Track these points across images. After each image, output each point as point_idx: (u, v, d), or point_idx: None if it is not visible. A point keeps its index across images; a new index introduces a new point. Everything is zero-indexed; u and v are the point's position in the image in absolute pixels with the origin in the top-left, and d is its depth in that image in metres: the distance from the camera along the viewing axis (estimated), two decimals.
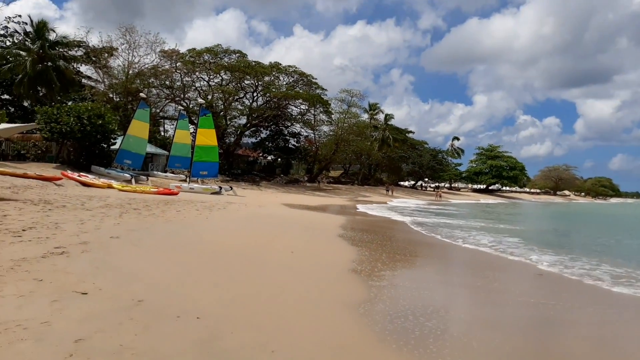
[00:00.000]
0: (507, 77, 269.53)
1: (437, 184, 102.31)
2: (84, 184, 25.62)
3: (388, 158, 78.84)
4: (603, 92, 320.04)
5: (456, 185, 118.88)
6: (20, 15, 44.21)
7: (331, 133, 61.76)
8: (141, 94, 37.24)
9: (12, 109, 46.75)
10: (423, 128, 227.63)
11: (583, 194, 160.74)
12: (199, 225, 12.77)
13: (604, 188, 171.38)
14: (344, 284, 7.46)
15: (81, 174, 28.22)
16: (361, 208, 31.53)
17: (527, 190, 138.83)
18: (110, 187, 25.76)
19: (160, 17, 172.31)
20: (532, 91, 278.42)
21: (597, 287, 8.76)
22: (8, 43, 45.55)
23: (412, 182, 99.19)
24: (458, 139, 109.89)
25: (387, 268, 9.25)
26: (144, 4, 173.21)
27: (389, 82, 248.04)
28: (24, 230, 8.44)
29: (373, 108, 76.12)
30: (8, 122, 38.43)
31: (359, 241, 12.93)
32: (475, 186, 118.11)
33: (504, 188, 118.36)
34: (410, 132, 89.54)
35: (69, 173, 27.02)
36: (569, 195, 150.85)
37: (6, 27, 47.16)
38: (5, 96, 47.60)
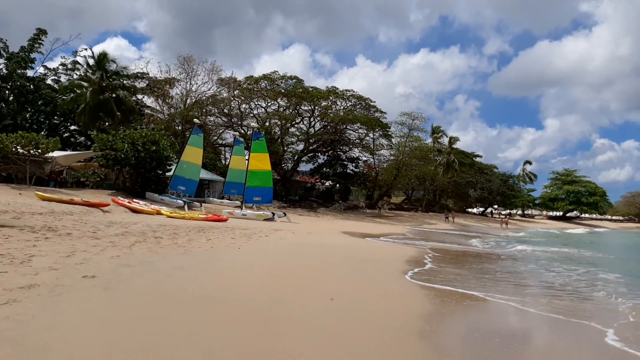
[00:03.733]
0: (581, 100, 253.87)
1: (508, 211, 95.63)
2: (133, 211, 24.84)
3: (454, 183, 74.55)
4: None
5: (529, 212, 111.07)
6: (86, 49, 45.88)
7: (392, 157, 59.12)
8: (195, 119, 36.81)
9: (81, 139, 48.46)
10: (491, 154, 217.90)
11: None
12: (224, 257, 10.76)
13: None
14: None
15: (133, 200, 27.62)
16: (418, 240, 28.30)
17: (609, 217, 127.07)
18: (159, 213, 24.80)
19: (231, 54, 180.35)
20: (609, 114, 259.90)
21: None
22: (75, 76, 47.50)
23: (481, 209, 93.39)
24: (530, 163, 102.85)
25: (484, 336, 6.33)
26: (216, 42, 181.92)
27: (454, 108, 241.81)
28: None
29: (436, 131, 72.49)
30: (72, 151, 39.57)
31: (432, 281, 10.31)
32: (550, 213, 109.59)
33: (582, 215, 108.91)
34: (478, 155, 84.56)
35: (119, 199, 26.44)
36: None
37: (75, 61, 49.41)
38: (73, 127, 49.55)
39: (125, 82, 43.87)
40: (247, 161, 31.64)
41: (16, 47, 45.40)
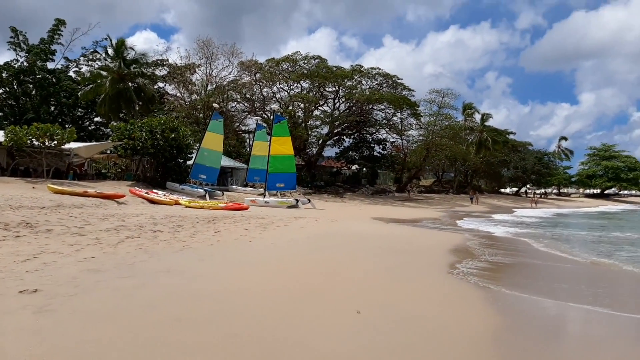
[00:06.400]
0: (618, 72, 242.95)
1: (543, 190, 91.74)
2: (151, 201, 23.88)
3: (486, 163, 71.57)
4: None
5: (566, 190, 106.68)
6: (106, 38, 44.93)
7: (421, 138, 56.68)
8: (214, 104, 35.44)
9: (107, 130, 47.90)
10: (523, 131, 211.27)
11: None
12: (227, 254, 9.12)
13: None
14: None
15: (152, 190, 26.65)
16: (466, 223, 25.77)
17: None
18: (177, 203, 23.76)
19: (259, 41, 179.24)
20: None
21: None
22: (96, 67, 46.76)
23: (515, 189, 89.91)
24: (566, 139, 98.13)
25: None
26: (244, 29, 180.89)
27: (484, 86, 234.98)
28: None
29: (468, 108, 68.92)
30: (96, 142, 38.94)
31: (489, 278, 8.50)
32: (587, 191, 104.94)
33: (621, 192, 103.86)
34: (512, 132, 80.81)
35: (137, 190, 25.46)
36: None
37: (95, 51, 48.68)
38: (98, 118, 49.01)
39: (144, 70, 42.86)
40: (268, 146, 30.12)
41: None
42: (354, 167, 60.43)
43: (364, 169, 59.13)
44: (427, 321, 5.61)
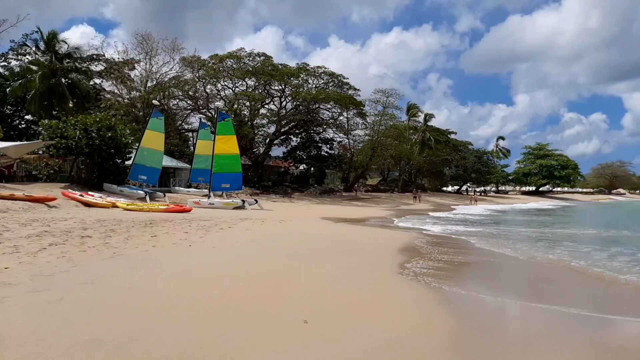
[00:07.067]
0: (550, 75, 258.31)
1: (483, 188, 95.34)
2: (86, 204, 22.34)
3: (429, 162, 73.38)
4: None
5: (504, 188, 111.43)
6: (37, 31, 41.95)
7: (367, 137, 57.18)
8: (154, 101, 33.85)
9: (39, 129, 44.66)
10: (464, 131, 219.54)
11: (638, 191, 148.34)
12: (163, 260, 8.32)
13: None
14: None
15: (88, 193, 25.01)
16: (412, 222, 26.08)
17: (580, 190, 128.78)
18: (114, 206, 22.40)
19: (204, 38, 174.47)
20: (577, 87, 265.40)
21: None
22: (26, 61, 43.55)
23: (457, 187, 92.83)
24: (503, 138, 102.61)
25: None
26: (188, 26, 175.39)
27: (427, 87, 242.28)
28: None
29: (412, 108, 70.69)
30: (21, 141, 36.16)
31: (440, 277, 8.25)
32: (524, 188, 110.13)
33: (554, 189, 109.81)
34: (453, 132, 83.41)
35: (71, 193, 23.79)
36: (624, 194, 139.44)
37: (24, 44, 45.33)
38: (28, 116, 45.65)
39: (78, 64, 40.39)
40: (212, 145, 29.07)
41: None
42: (301, 167, 60.06)
43: (312, 168, 58.89)
44: (381, 328, 5.25)
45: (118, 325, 4.68)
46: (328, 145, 56.01)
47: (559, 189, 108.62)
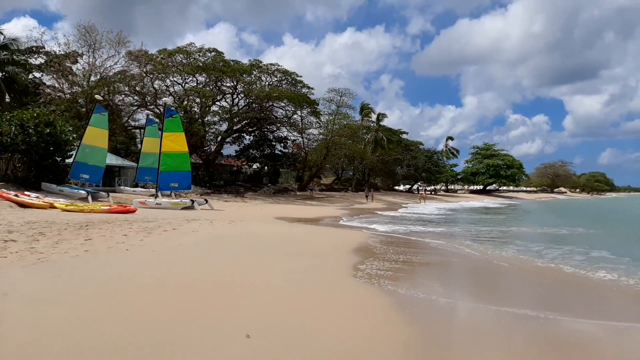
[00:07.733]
0: (497, 78, 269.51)
1: (433, 187, 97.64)
2: (21, 205, 20.77)
3: (382, 161, 74.19)
4: (590, 87, 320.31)
5: (453, 187, 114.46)
6: None
7: (321, 136, 57.01)
8: (96, 96, 32.09)
9: None
10: (414, 131, 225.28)
11: (578, 190, 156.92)
12: (94, 267, 7.50)
13: (598, 183, 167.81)
14: None
15: (23, 192, 23.34)
16: (363, 221, 26.25)
17: (524, 188, 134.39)
18: (52, 206, 20.94)
19: (153, 34, 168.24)
20: (522, 90, 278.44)
21: None
22: None
23: (408, 186, 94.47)
24: (452, 139, 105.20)
25: None
26: (137, 20, 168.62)
27: (380, 88, 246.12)
28: None
29: (365, 108, 71.44)
30: None
31: (396, 279, 7.94)
32: (472, 187, 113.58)
33: (500, 188, 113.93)
34: (404, 132, 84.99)
35: (4, 192, 22.09)
36: (566, 192, 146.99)
37: None
38: None
39: (16, 57, 37.81)
40: (160, 142, 27.86)
41: None
42: (255, 166, 59.05)
43: (266, 167, 58.02)
44: (330, 339, 4.82)
45: (29, 347, 4.01)
46: (282, 144, 55.33)
47: (504, 187, 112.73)
